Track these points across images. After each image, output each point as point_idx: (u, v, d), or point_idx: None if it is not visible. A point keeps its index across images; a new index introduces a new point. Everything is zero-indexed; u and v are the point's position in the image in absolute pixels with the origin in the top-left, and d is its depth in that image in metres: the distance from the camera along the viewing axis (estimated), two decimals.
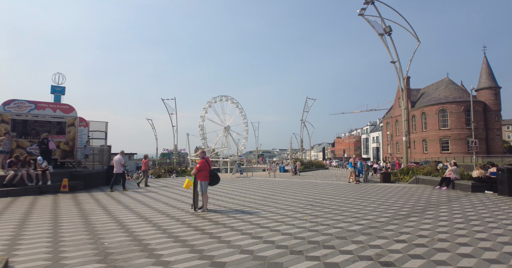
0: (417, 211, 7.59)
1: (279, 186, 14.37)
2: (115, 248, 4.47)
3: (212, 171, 7.51)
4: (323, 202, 9.17)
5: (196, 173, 7.43)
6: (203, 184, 7.34)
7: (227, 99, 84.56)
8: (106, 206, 8.54)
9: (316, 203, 8.86)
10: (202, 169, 7.35)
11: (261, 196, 10.56)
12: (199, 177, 7.38)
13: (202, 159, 7.57)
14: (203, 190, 7.35)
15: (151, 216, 6.99)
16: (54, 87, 27.29)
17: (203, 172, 7.37)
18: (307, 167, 40.85)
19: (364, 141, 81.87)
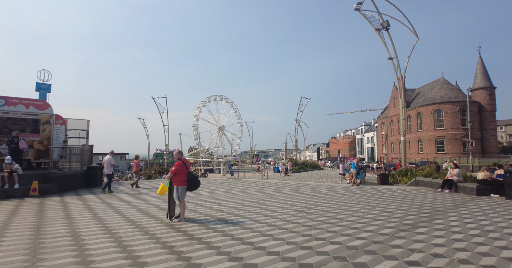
0: (423, 219, 6.70)
1: (271, 188, 13.42)
2: None
3: (191, 174, 6.52)
4: (318, 208, 8.23)
5: (172, 177, 6.44)
6: (179, 189, 6.34)
7: (222, 98, 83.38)
8: (72, 214, 7.49)
9: (310, 210, 7.92)
10: (178, 172, 6.35)
11: (250, 201, 9.59)
12: (175, 181, 6.38)
13: (178, 160, 6.58)
14: (180, 196, 6.36)
15: (117, 227, 5.98)
16: (39, 85, 25.96)
17: (180, 176, 6.37)
18: (301, 167, 40.01)
19: (359, 141, 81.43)
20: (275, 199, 9.94)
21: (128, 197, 10.90)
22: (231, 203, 9.10)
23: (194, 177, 6.51)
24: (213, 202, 9.45)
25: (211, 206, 8.65)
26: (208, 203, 9.24)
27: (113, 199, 10.34)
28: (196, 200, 9.93)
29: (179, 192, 6.34)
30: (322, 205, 8.66)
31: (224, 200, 9.77)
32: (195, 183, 6.51)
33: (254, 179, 18.77)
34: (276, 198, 10.21)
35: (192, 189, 6.55)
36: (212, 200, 9.79)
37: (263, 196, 10.86)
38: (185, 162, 6.50)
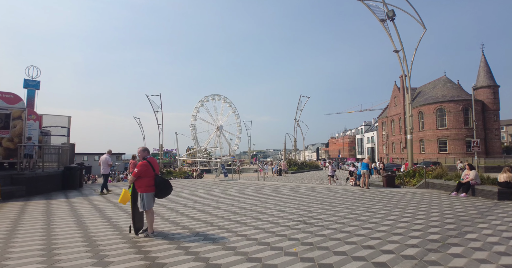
0: (451, 232, 5.39)
1: (267, 191, 12.10)
2: None
3: (159, 177, 5.18)
4: (320, 216, 6.92)
5: (135, 181, 5.11)
6: (145, 196, 5.02)
7: (220, 98, 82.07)
8: (19, 224, 6.15)
9: (311, 219, 6.61)
10: (142, 174, 5.03)
11: (241, 207, 8.27)
12: (139, 186, 5.06)
13: (143, 160, 5.25)
14: (145, 205, 5.02)
15: (64, 243, 4.66)
16: (28, 81, 24.52)
17: (145, 179, 5.05)
18: (300, 167, 38.71)
19: (358, 141, 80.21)
20: (270, 205, 8.61)
21: (104, 202, 9.57)
22: (218, 210, 7.77)
23: (164, 181, 5.18)
24: (198, 208, 8.12)
25: (193, 214, 7.32)
26: (191, 210, 7.90)
27: (85, 204, 9.01)
28: (178, 206, 8.60)
29: (144, 200, 5.01)
30: (324, 213, 7.35)
31: (211, 206, 8.44)
32: (165, 188, 5.18)
33: (249, 180, 17.46)
34: (271, 203, 8.88)
35: (161, 195, 5.22)
36: (197, 206, 8.46)
37: (257, 200, 9.54)
38: (152, 162, 5.18)
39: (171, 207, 8.38)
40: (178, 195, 11.14)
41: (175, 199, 10.04)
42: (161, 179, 5.17)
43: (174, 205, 8.72)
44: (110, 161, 11.73)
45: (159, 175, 5.29)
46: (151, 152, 75.23)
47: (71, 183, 12.89)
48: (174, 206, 8.54)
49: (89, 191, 12.41)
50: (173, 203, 9.00)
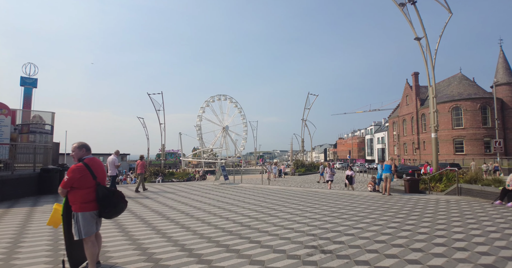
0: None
1: (272, 199, 10.29)
2: None
3: (104, 188, 3.46)
4: (341, 238, 5.10)
5: (68, 194, 3.41)
6: (80, 217, 3.30)
7: (226, 98, 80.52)
8: None
9: (330, 243, 4.81)
10: (76, 183, 3.32)
11: (238, 223, 6.50)
12: (73, 201, 3.35)
13: (78, 162, 3.54)
14: (82, 231, 3.29)
15: None
16: (25, 79, 23.17)
17: (81, 192, 3.34)
18: (308, 169, 36.78)
19: (368, 142, 77.74)
20: (274, 219, 6.81)
21: None
22: (207, 227, 6.01)
23: (110, 194, 3.44)
24: (182, 224, 6.37)
25: (171, 233, 5.57)
26: (172, 227, 6.15)
27: (45, 215, 7.35)
28: (157, 220, 6.87)
29: (80, 223, 3.29)
30: (346, 232, 5.53)
31: (200, 220, 6.69)
32: (112, 204, 3.44)
33: (252, 184, 15.67)
34: (276, 216, 7.08)
35: (108, 214, 3.50)
36: (182, 220, 6.72)
37: (258, 212, 7.75)
38: (92, 165, 3.46)
39: (149, 221, 6.65)
40: (165, 202, 9.44)
41: (159, 208, 8.32)
42: (105, 191, 3.43)
43: (152, 218, 6.99)
44: (117, 162, 11.07)
45: (102, 185, 3.54)
46: (157, 152, 72.79)
47: (48, 186, 11.30)
48: (152, 220, 6.81)
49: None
50: (152, 216, 7.27)
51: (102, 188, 3.49)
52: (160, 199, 10.18)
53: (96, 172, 3.50)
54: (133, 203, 9.32)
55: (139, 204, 9.15)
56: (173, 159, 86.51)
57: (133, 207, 8.64)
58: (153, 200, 9.98)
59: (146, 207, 8.65)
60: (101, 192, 3.42)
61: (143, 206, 8.85)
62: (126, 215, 7.31)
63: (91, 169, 3.44)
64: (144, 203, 9.34)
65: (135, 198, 10.57)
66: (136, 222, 6.50)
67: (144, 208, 8.39)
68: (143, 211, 7.97)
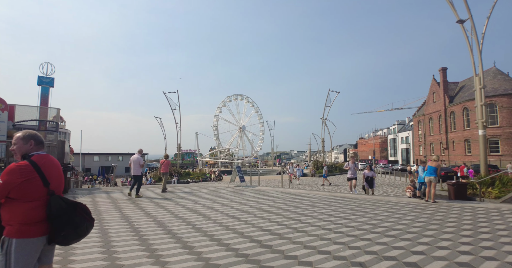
0: None
1: (295, 207, 8.76)
2: None
3: (59, 199, 2.19)
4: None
5: (1, 208, 2.13)
6: (15, 247, 2.02)
7: (243, 98, 79.51)
8: None
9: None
10: (16, 192, 2.12)
11: (253, 241, 5.06)
12: (9, 220, 2.09)
13: (22, 159, 2.26)
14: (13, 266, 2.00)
15: None
16: (42, 78, 22.94)
17: (23, 206, 2.10)
18: (329, 170, 34.83)
19: (391, 142, 74.35)
20: (302, 236, 5.29)
21: None
22: (215, 249, 4.61)
23: (69, 208, 2.16)
24: (185, 242, 5.00)
25: (170, 256, 4.20)
26: (172, 246, 4.79)
27: None
28: (155, 234, 5.53)
29: (12, 255, 2.00)
30: (405, 261, 3.96)
31: (208, 236, 5.30)
32: (71, 223, 2.15)
33: (271, 187, 14.19)
34: (304, 233, 5.56)
35: (64, 239, 2.22)
36: (186, 236, 5.35)
37: (280, 224, 6.27)
38: (42, 165, 2.22)
39: (144, 235, 5.34)
40: (170, 208, 8.15)
41: (160, 217, 7.02)
42: (62, 205, 2.15)
43: (149, 231, 5.67)
44: (142, 161, 10.73)
45: (58, 196, 2.25)
46: (175, 152, 73.21)
47: None
48: (149, 234, 5.49)
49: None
50: (150, 228, 5.96)
51: (57, 199, 2.20)
52: (165, 204, 8.93)
53: (50, 176, 2.23)
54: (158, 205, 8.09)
55: (159, 206, 7.91)
56: (191, 158, 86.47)
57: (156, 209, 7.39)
58: (156, 204, 8.73)
59: (163, 208, 7.39)
60: (56, 205, 2.13)
61: (161, 207, 7.61)
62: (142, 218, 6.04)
63: (42, 171, 2.17)
64: (161, 204, 8.10)
65: (155, 199, 9.37)
66: (120, 239, 5.21)
67: (158, 209, 7.12)
68: (128, 220, 6.70)
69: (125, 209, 8.18)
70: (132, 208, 8.26)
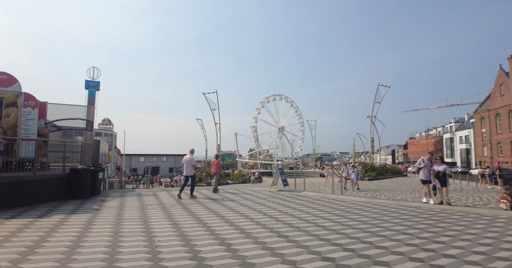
0: None
1: (359, 222, 6.81)
2: None
3: None
4: None
5: None
6: None
7: (281, 98, 77.47)
8: None
9: None
10: None
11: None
12: None
13: None
14: None
15: None
16: (89, 82, 23.74)
17: None
18: (380, 173, 31.63)
19: (447, 141, 67.15)
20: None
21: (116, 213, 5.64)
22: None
23: None
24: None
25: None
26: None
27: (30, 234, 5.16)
28: (177, 253, 4.09)
29: None
30: None
31: (245, 265, 3.73)
32: None
33: (320, 193, 12.27)
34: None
35: None
36: (215, 262, 3.84)
37: (347, 250, 4.48)
38: None
39: (191, 240, 3.91)
40: (201, 217, 6.73)
41: (208, 220, 5.60)
42: None
43: (194, 232, 4.24)
44: (194, 161, 10.57)
45: None
46: (212, 152, 73.86)
47: (76, 190, 9.58)
48: (196, 238, 4.05)
49: (94, 202, 8.87)
50: (197, 231, 4.53)
51: None
52: (198, 209, 7.55)
53: None
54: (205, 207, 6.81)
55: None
56: (230, 159, 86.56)
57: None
58: (187, 211, 7.39)
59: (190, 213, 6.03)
60: None
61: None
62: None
63: None
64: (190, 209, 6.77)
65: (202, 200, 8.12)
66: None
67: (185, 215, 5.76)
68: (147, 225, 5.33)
69: (175, 214, 6.96)
70: (180, 211, 7.02)
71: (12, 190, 7.84)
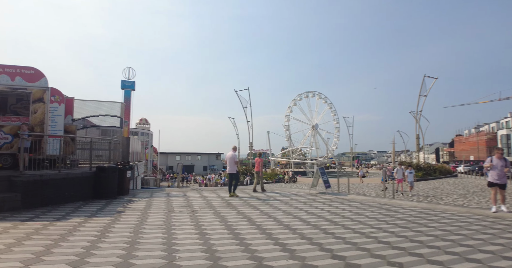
0: None
1: (433, 237, 5.35)
2: None
3: None
4: None
5: None
6: None
7: (314, 95, 74.74)
8: None
9: None
10: None
11: None
12: None
13: None
14: None
15: None
16: (124, 82, 24.22)
17: None
18: (427, 173, 28.81)
19: (503, 139, 60.60)
20: None
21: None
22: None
23: None
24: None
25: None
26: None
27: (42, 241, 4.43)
28: None
29: None
30: None
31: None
32: None
33: (370, 197, 10.72)
34: None
35: None
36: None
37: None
38: None
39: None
40: (233, 224, 5.69)
41: (219, 237, 4.57)
42: None
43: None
44: (236, 158, 10.36)
45: None
46: (244, 151, 73.65)
47: (103, 189, 9.04)
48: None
49: (120, 203, 8.23)
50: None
51: None
52: (224, 212, 6.54)
53: None
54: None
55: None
56: (263, 158, 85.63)
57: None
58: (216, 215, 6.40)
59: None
60: None
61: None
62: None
63: None
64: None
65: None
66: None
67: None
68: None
69: (203, 219, 6.07)
70: (209, 215, 6.12)
71: (35, 189, 7.38)
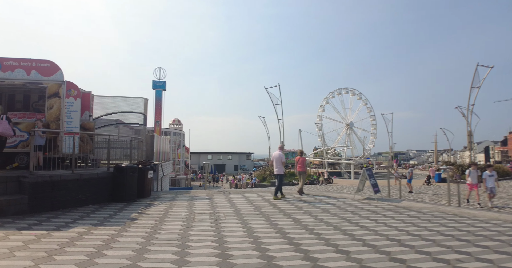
0: None
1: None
2: None
3: None
4: None
5: None
6: None
7: (347, 91, 70.93)
8: None
9: None
10: None
11: None
12: None
13: None
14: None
15: None
16: (155, 83, 24.29)
17: None
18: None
19: None
20: None
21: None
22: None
23: None
24: None
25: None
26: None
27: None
28: None
29: None
30: None
31: None
32: None
33: (431, 204, 8.87)
34: None
35: None
36: None
37: None
38: None
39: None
40: (263, 238, 4.41)
41: (243, 253, 3.34)
42: None
43: None
44: (283, 158, 9.78)
45: None
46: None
47: (120, 191, 8.19)
48: None
49: (137, 208, 7.32)
50: None
51: None
52: (257, 224, 5.29)
53: None
54: None
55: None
56: (293, 158, 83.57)
57: None
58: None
59: None
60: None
61: None
62: None
63: None
64: None
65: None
66: None
67: None
68: None
69: (226, 229, 4.95)
70: (234, 225, 4.98)
71: (44, 191, 6.66)
